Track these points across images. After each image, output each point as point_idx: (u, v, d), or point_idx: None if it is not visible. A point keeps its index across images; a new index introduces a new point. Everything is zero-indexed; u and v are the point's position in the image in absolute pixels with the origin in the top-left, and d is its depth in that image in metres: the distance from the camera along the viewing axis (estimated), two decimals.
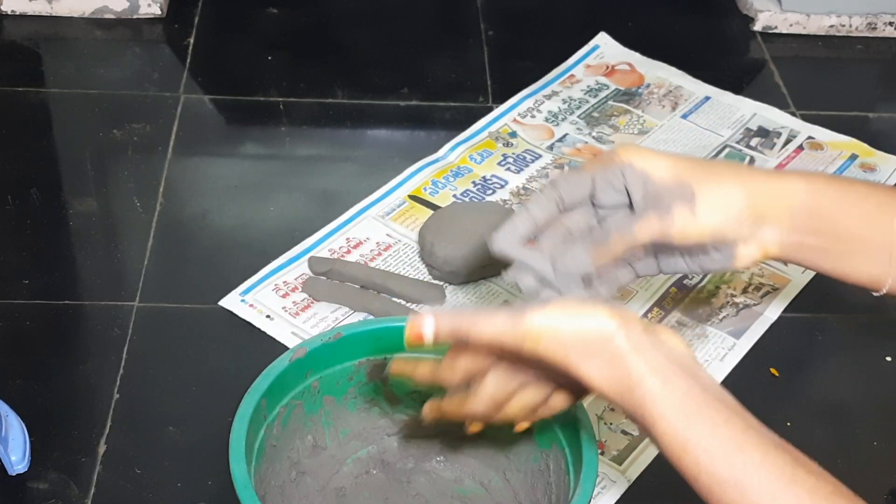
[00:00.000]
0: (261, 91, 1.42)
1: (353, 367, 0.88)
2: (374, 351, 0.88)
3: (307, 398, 0.86)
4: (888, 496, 0.97)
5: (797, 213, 0.70)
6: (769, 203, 0.70)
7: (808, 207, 0.70)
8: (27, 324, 1.07)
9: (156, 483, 0.93)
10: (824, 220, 0.70)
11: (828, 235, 0.71)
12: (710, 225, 0.69)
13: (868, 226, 0.70)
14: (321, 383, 0.87)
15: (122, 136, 1.32)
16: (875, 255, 0.70)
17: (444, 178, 1.28)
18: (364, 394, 0.90)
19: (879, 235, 0.70)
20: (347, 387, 0.89)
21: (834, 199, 0.71)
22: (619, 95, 1.44)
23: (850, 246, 0.71)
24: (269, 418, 0.83)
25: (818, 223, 0.70)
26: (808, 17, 1.59)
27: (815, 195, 0.70)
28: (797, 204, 0.70)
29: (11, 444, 0.91)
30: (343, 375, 0.88)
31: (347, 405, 0.90)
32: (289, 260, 1.15)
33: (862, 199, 0.71)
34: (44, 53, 1.48)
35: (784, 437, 1.02)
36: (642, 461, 0.97)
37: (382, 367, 0.86)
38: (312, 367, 0.86)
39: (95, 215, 1.21)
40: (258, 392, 0.81)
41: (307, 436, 0.88)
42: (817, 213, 0.70)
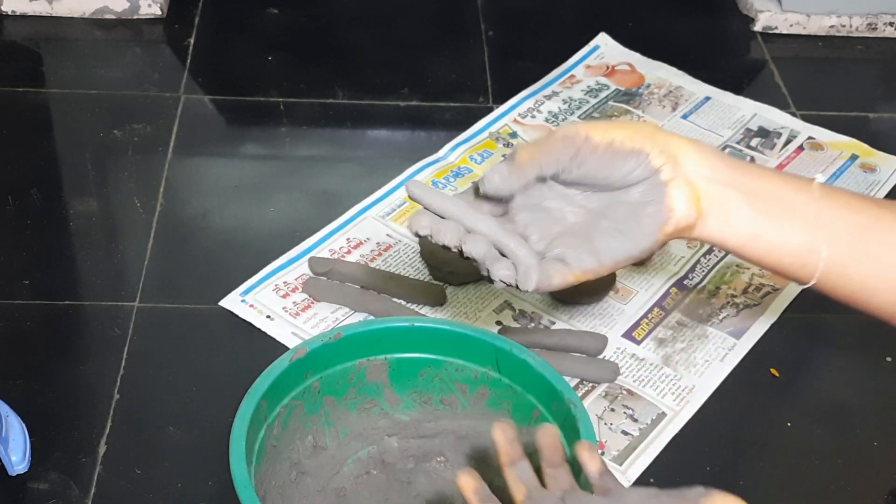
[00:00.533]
0: (261, 91, 1.42)
1: (354, 367, 0.88)
2: (374, 351, 0.88)
3: (307, 398, 0.86)
4: (888, 496, 0.97)
5: (713, 157, 0.64)
6: (683, 149, 0.64)
7: (723, 156, 0.65)
8: (27, 324, 1.07)
9: (156, 483, 0.93)
10: (741, 170, 0.64)
11: (748, 186, 0.64)
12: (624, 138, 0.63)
13: (785, 184, 0.65)
14: (321, 383, 0.87)
15: (123, 136, 1.32)
16: (802, 223, 0.64)
17: (445, 178, 1.28)
18: (364, 394, 0.90)
19: (799, 198, 0.64)
20: (348, 387, 0.89)
21: (742, 161, 0.67)
22: (620, 96, 1.44)
23: (776, 206, 0.64)
24: (269, 419, 0.83)
25: (737, 172, 0.64)
26: (809, 18, 1.59)
27: (726, 154, 0.66)
28: (713, 152, 0.65)
29: (12, 444, 0.91)
30: (343, 376, 0.88)
31: (348, 405, 0.90)
32: (289, 260, 1.15)
33: (766, 167, 0.66)
34: (44, 54, 1.48)
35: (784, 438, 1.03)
36: (642, 461, 0.97)
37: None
38: (313, 368, 0.86)
39: (96, 215, 1.21)
40: (258, 392, 0.81)
41: (307, 436, 0.88)
42: (736, 165, 0.65)
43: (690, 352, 1.08)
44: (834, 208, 0.64)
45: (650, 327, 1.10)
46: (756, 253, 0.65)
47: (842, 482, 0.98)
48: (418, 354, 0.89)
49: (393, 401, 0.91)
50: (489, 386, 0.89)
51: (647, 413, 1.01)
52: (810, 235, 0.64)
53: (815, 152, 1.37)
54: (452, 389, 0.90)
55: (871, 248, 0.65)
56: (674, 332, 1.10)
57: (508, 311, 1.11)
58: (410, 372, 0.90)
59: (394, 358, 0.89)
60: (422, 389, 0.91)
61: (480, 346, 0.88)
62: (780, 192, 0.65)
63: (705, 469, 0.98)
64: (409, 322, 0.89)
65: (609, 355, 1.07)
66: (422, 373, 0.90)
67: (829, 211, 0.64)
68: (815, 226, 0.64)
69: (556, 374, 0.84)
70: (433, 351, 0.89)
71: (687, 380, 1.05)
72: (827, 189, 0.65)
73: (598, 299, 1.12)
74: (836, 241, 0.65)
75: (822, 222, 0.64)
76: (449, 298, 1.11)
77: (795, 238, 0.64)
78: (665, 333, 1.10)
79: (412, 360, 0.89)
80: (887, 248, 0.65)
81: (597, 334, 1.07)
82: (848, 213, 0.65)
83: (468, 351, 0.88)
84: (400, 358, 0.89)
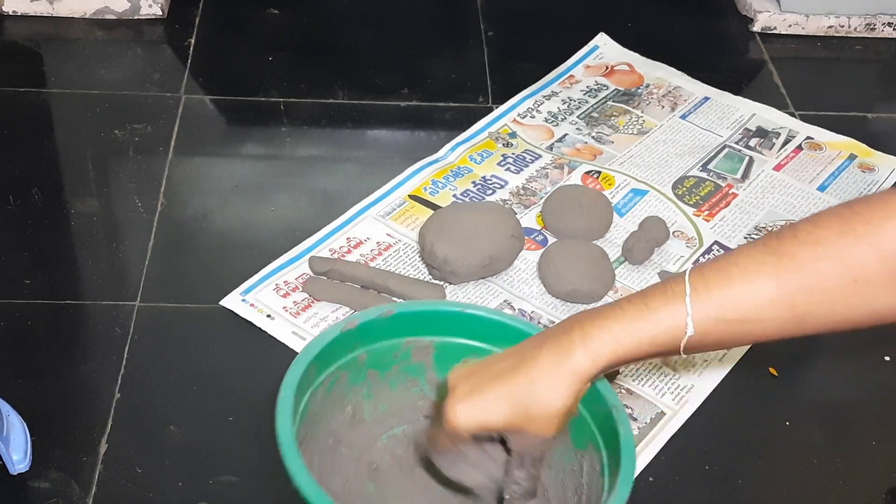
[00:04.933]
0: (261, 91, 1.42)
1: (401, 344, 0.88)
2: (422, 332, 0.89)
3: (352, 369, 0.87)
4: (887, 495, 0.98)
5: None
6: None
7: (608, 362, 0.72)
8: (29, 323, 1.08)
9: (157, 482, 0.93)
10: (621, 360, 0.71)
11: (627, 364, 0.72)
12: None
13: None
14: (368, 356, 0.87)
15: (124, 136, 1.32)
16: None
17: (445, 178, 1.29)
18: (407, 373, 0.90)
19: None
20: (392, 363, 0.89)
21: (623, 349, 0.71)
22: (619, 96, 1.45)
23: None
24: (314, 384, 0.84)
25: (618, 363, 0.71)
26: (807, 18, 1.60)
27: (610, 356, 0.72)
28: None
29: (13, 443, 0.91)
30: (390, 352, 0.88)
31: (389, 382, 0.90)
32: (289, 260, 1.16)
33: (645, 335, 0.70)
34: (45, 54, 1.48)
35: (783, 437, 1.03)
36: (641, 460, 0.97)
37: None
38: (361, 340, 0.86)
39: (97, 215, 1.21)
40: (308, 356, 0.81)
41: (347, 406, 0.89)
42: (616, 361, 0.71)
43: None
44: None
45: None
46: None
47: (840, 481, 0.98)
48: (465, 340, 0.89)
49: (434, 383, 0.91)
50: None
51: (646, 412, 1.01)
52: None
53: (814, 152, 1.37)
54: None
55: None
56: None
57: (508, 311, 1.11)
58: (455, 357, 0.90)
59: (441, 341, 0.89)
60: None
61: (525, 338, 0.88)
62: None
63: (704, 468, 0.98)
64: (460, 307, 0.90)
65: None
66: (465, 359, 0.90)
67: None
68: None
69: (602, 377, 0.84)
70: (479, 338, 0.89)
71: (686, 379, 1.05)
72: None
73: (598, 299, 1.13)
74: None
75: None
76: (449, 298, 1.12)
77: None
78: None
79: (458, 346, 0.89)
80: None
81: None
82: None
83: (514, 342, 0.89)
84: (446, 342, 0.89)
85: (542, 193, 1.27)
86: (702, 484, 0.97)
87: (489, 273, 1.14)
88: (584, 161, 1.32)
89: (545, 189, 1.27)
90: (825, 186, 1.32)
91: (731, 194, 1.29)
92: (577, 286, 1.11)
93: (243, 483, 0.93)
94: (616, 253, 1.19)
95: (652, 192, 1.28)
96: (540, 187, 1.28)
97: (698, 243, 1.22)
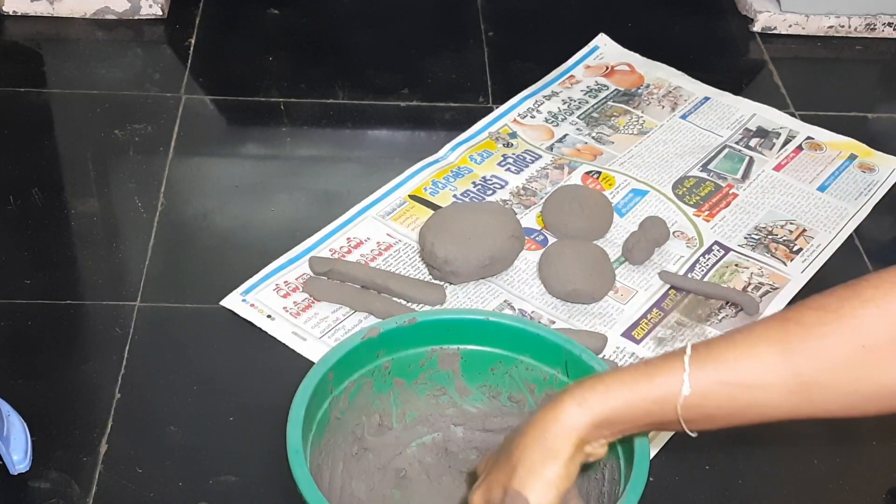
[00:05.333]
0: (262, 92, 1.42)
1: (426, 353, 0.89)
2: (447, 340, 0.89)
3: (377, 377, 0.88)
4: (887, 496, 0.98)
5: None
6: None
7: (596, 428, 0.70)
8: (29, 323, 1.08)
9: (157, 482, 0.93)
10: (613, 430, 0.70)
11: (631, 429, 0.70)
12: None
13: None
14: (392, 364, 0.88)
15: (124, 136, 1.32)
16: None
17: (445, 178, 1.29)
18: (434, 381, 0.91)
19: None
20: (419, 372, 0.90)
21: (615, 413, 0.70)
22: (619, 96, 1.45)
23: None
24: (335, 391, 0.84)
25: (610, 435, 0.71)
26: (807, 18, 1.60)
27: (601, 417, 0.70)
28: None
29: (13, 443, 0.91)
30: (415, 360, 0.89)
31: (417, 390, 0.91)
32: (289, 260, 1.16)
33: (641, 397, 0.69)
34: (45, 54, 1.48)
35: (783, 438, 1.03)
36: None
37: None
38: (385, 348, 0.87)
39: (97, 215, 1.21)
40: (326, 365, 0.82)
41: (374, 414, 0.89)
42: (620, 423, 0.70)
43: None
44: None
45: (649, 327, 1.11)
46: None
47: (840, 481, 0.98)
48: (491, 349, 0.90)
49: (463, 391, 0.92)
50: (557, 388, 0.89)
51: None
52: None
53: (814, 152, 1.37)
54: (521, 388, 0.91)
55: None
56: (673, 332, 1.10)
57: (509, 312, 1.11)
58: (482, 365, 0.91)
59: (467, 349, 0.90)
60: (492, 384, 0.92)
61: (551, 347, 0.88)
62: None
63: (705, 468, 0.98)
64: (484, 315, 0.91)
65: (609, 354, 1.07)
66: (493, 367, 0.91)
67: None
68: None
69: None
70: (505, 347, 0.90)
71: None
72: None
73: (598, 299, 1.13)
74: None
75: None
76: (449, 298, 1.12)
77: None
78: (664, 333, 1.10)
79: (484, 354, 0.90)
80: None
81: (596, 333, 1.07)
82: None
83: (539, 351, 0.89)
84: (473, 350, 0.90)
85: (542, 194, 1.27)
86: (702, 484, 0.97)
87: (489, 273, 1.14)
88: (584, 161, 1.32)
89: (545, 189, 1.27)
90: (825, 186, 1.32)
91: (731, 194, 1.29)
92: (578, 286, 1.11)
93: (243, 483, 0.93)
94: (616, 253, 1.19)
95: (652, 192, 1.28)
96: (540, 187, 1.28)
97: (698, 243, 1.22)
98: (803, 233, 1.24)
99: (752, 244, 1.22)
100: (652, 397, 0.67)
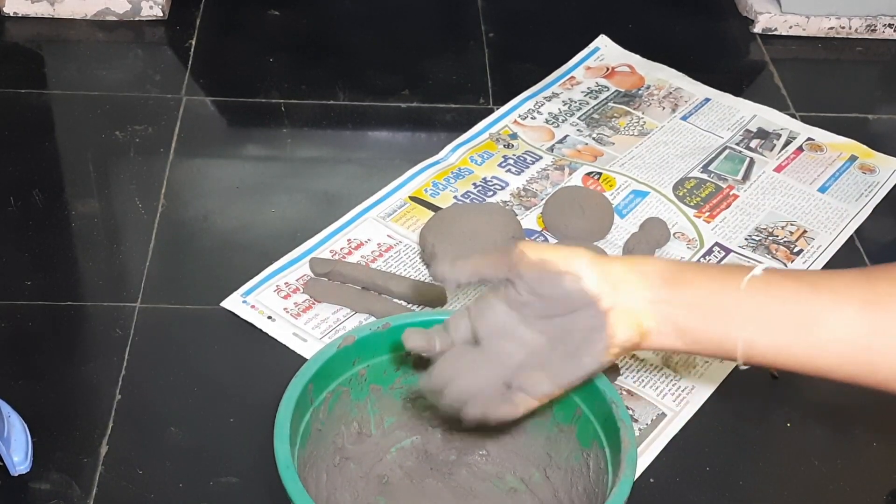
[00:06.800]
0: (262, 93, 1.42)
1: (401, 357, 0.89)
2: None
3: (354, 385, 0.87)
4: (888, 497, 0.98)
5: (650, 275, 0.68)
6: (622, 276, 0.69)
7: (660, 272, 0.69)
8: (29, 324, 1.08)
9: (157, 483, 0.93)
10: (676, 282, 0.68)
11: (683, 299, 0.68)
12: None
13: (718, 286, 0.68)
14: (368, 371, 0.88)
15: (124, 137, 1.32)
16: (725, 317, 0.67)
17: (445, 179, 1.29)
18: (410, 384, 0.91)
19: (728, 298, 0.67)
20: (394, 377, 0.90)
21: (682, 266, 0.70)
22: (620, 97, 1.45)
23: (705, 310, 0.68)
24: (315, 402, 0.84)
25: (673, 287, 0.68)
26: (808, 19, 1.60)
27: (664, 264, 0.70)
28: (650, 271, 0.69)
29: (14, 444, 0.92)
30: (390, 365, 0.89)
31: (393, 395, 0.91)
32: (290, 261, 1.16)
33: (709, 266, 0.71)
34: (46, 55, 1.48)
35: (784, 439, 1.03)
36: (642, 462, 0.97)
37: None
38: (360, 356, 0.87)
39: (97, 216, 1.22)
40: (305, 376, 0.82)
41: (353, 422, 0.89)
42: (674, 280, 0.68)
43: None
44: (759, 304, 0.67)
45: None
46: (690, 350, 0.70)
47: (841, 483, 0.98)
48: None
49: None
50: None
51: (647, 413, 1.02)
52: (730, 332, 0.67)
53: (815, 153, 1.37)
54: None
55: (805, 336, 0.66)
56: None
57: None
58: None
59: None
60: None
61: None
62: (711, 298, 0.68)
63: (705, 469, 0.98)
64: None
65: None
66: None
67: (752, 307, 0.67)
68: (732, 323, 0.67)
69: (600, 374, 0.84)
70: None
71: (686, 380, 1.05)
72: (757, 282, 0.67)
73: None
74: (764, 332, 0.67)
75: (740, 319, 0.67)
76: (449, 299, 1.12)
77: (717, 335, 0.68)
78: None
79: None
80: (823, 333, 0.65)
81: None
82: (776, 304, 0.66)
83: None
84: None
85: (542, 195, 1.27)
86: (702, 485, 0.97)
87: None
88: (584, 162, 1.32)
89: (546, 190, 1.27)
90: (826, 188, 1.32)
91: (731, 195, 1.29)
92: None
93: (244, 484, 0.93)
94: (617, 254, 1.19)
95: (653, 193, 1.28)
96: (541, 189, 1.28)
97: (699, 244, 1.22)
98: (804, 234, 1.24)
99: (752, 245, 1.22)
100: (713, 357, 0.67)
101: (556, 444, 0.89)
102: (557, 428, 0.88)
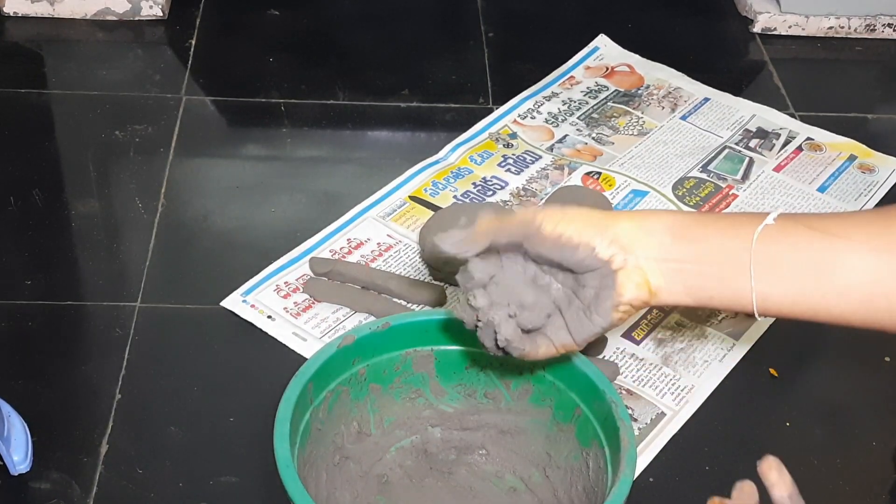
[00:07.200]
0: (262, 93, 1.42)
1: (400, 356, 0.89)
2: (421, 342, 0.89)
3: (354, 385, 0.88)
4: (888, 496, 0.98)
5: (657, 233, 0.69)
6: (630, 235, 0.69)
7: (669, 228, 0.69)
8: (29, 324, 1.08)
9: (157, 483, 0.93)
10: (685, 238, 0.68)
11: (692, 255, 0.68)
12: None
13: (729, 240, 0.68)
14: (368, 371, 0.88)
15: (124, 137, 1.32)
16: (738, 270, 0.67)
17: (445, 179, 1.29)
18: (410, 384, 0.91)
19: (740, 251, 0.67)
20: (394, 376, 0.90)
21: (691, 219, 0.70)
22: (619, 97, 1.45)
23: (716, 264, 0.68)
24: (315, 402, 0.84)
25: (682, 244, 0.68)
26: (807, 19, 1.60)
27: (673, 219, 0.70)
28: (659, 228, 0.69)
29: (13, 443, 0.92)
30: (390, 365, 0.89)
31: (393, 394, 0.91)
32: (290, 261, 1.16)
33: (719, 217, 0.70)
34: (46, 55, 1.48)
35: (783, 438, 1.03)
36: (642, 461, 0.97)
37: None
38: (360, 355, 0.87)
39: (97, 216, 1.22)
40: (305, 376, 0.82)
41: (352, 422, 0.89)
42: (683, 235, 0.68)
43: (689, 352, 1.08)
44: (772, 255, 0.66)
45: (649, 328, 1.11)
46: (705, 305, 0.70)
47: (840, 482, 0.98)
48: (465, 347, 0.90)
49: (438, 392, 0.92)
50: (533, 382, 0.89)
51: (646, 413, 1.02)
52: (743, 285, 0.67)
53: (814, 153, 1.37)
54: (497, 384, 0.91)
55: (820, 284, 0.66)
56: (673, 333, 1.10)
57: None
58: (456, 364, 0.91)
59: (441, 350, 0.90)
60: (467, 382, 0.92)
61: None
62: (722, 251, 0.68)
63: (704, 469, 0.98)
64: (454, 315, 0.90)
65: (609, 355, 1.07)
66: (467, 366, 0.91)
67: (765, 258, 0.66)
68: (745, 276, 0.67)
69: (599, 373, 0.84)
70: (477, 345, 0.90)
71: (686, 380, 1.05)
72: (770, 231, 0.67)
73: None
74: (778, 282, 0.66)
75: (754, 272, 0.66)
76: (449, 298, 1.12)
77: (729, 289, 0.68)
78: (664, 334, 1.10)
79: (458, 353, 0.90)
80: (839, 280, 0.65)
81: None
82: (790, 253, 0.66)
83: None
84: (447, 350, 0.90)
85: (542, 194, 1.27)
86: (702, 484, 0.97)
87: None
88: (584, 162, 1.33)
89: (546, 190, 1.28)
90: (825, 187, 1.32)
91: (731, 195, 1.29)
92: None
93: (244, 484, 0.94)
94: None
95: (652, 192, 1.29)
96: (540, 188, 1.28)
97: None
98: None
99: None
100: (728, 311, 0.67)
101: (555, 444, 0.89)
102: (557, 427, 0.88)
